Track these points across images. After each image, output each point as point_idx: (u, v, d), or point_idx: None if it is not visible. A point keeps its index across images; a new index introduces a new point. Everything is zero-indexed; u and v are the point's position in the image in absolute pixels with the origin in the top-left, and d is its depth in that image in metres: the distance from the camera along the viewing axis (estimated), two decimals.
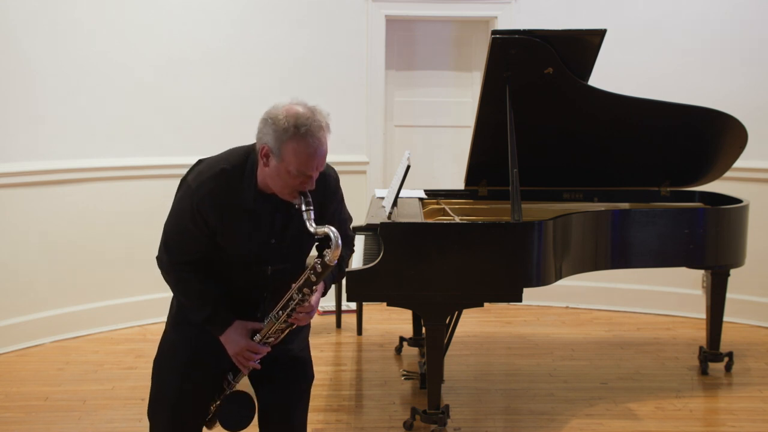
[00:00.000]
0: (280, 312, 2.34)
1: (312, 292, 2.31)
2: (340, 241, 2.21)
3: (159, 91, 5.13)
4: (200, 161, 2.44)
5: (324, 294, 2.50)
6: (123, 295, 5.10)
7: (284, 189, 2.27)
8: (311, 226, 2.22)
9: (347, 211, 2.59)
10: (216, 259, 2.40)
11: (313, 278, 2.28)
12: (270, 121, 2.23)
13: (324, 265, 2.25)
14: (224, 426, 2.51)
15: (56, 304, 4.86)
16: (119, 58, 4.99)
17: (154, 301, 4.95)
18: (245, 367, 2.44)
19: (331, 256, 2.22)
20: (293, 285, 2.32)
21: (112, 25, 4.97)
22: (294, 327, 2.42)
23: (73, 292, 4.92)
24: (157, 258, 2.45)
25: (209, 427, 2.57)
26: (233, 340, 2.39)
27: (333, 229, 2.22)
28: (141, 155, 5.11)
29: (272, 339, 2.41)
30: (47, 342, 4.78)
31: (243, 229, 2.34)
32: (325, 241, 2.24)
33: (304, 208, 2.24)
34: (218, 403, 2.51)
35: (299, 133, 2.19)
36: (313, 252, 2.35)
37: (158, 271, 2.47)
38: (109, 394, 3.99)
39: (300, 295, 2.31)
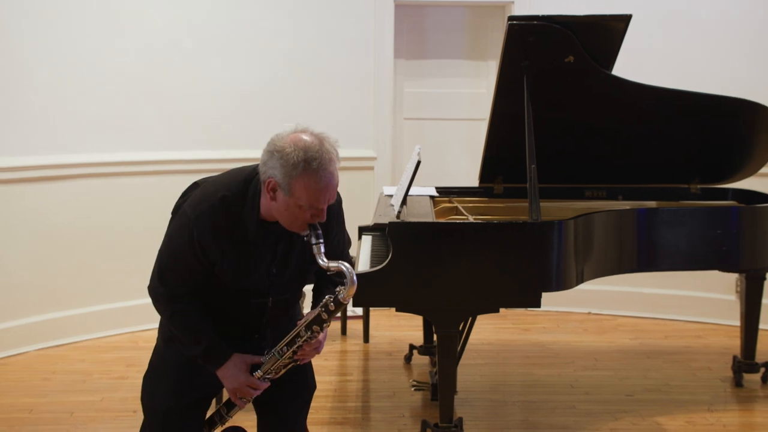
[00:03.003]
0: (285, 348, 2.38)
1: (321, 330, 2.33)
2: (355, 278, 2.23)
3: (149, 81, 5.15)
4: (196, 184, 2.45)
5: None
6: (113, 299, 5.12)
7: (294, 223, 2.29)
8: (323, 261, 2.25)
9: (347, 233, 2.62)
10: (213, 291, 2.42)
11: (325, 316, 2.31)
12: (277, 155, 2.23)
13: (337, 303, 2.28)
14: None
15: (41, 309, 4.89)
16: (107, 46, 5.01)
17: (145, 306, 4.85)
18: (243, 401, 2.46)
19: (345, 293, 2.25)
20: (299, 322, 2.34)
21: (99, 10, 4.99)
22: (298, 363, 2.45)
23: (59, 296, 4.95)
24: (150, 288, 2.46)
25: None
26: (232, 375, 2.43)
27: (347, 264, 2.25)
28: (131, 150, 5.13)
29: (272, 374, 2.44)
30: (31, 350, 4.81)
31: (243, 261, 2.37)
32: (337, 277, 2.26)
33: (314, 241, 2.27)
34: None
35: (311, 168, 2.20)
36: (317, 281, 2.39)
37: (148, 276, 2.49)
38: (98, 405, 4.01)
39: (308, 333, 2.34)
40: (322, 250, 2.26)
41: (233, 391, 2.44)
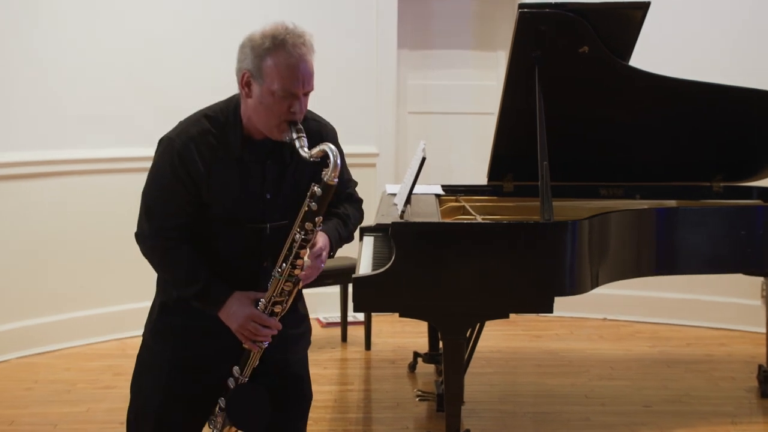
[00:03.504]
0: (283, 264, 2.34)
1: (315, 225, 2.29)
2: (339, 160, 2.24)
3: (141, 74, 5.15)
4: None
5: (332, 255, 2.51)
6: (99, 304, 5.13)
7: (271, 120, 2.30)
8: (305, 152, 2.25)
9: (349, 172, 2.62)
10: (205, 223, 2.40)
11: (314, 206, 2.27)
12: (247, 44, 2.33)
13: (324, 186, 2.26)
14: (239, 427, 2.50)
15: (22, 315, 4.89)
16: (94, 35, 5.02)
17: (134, 311, 4.94)
18: (255, 344, 2.39)
19: (330, 175, 2.24)
20: (294, 225, 2.32)
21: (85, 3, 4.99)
22: (301, 285, 2.40)
23: (42, 301, 4.95)
24: (137, 234, 2.44)
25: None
26: (234, 312, 2.37)
27: (330, 145, 2.25)
28: (119, 146, 5.13)
29: (279, 307, 2.37)
30: (12, 358, 4.82)
31: (232, 181, 2.36)
32: (323, 162, 2.25)
33: (295, 135, 2.27)
34: (226, 402, 2.45)
35: (277, 43, 2.27)
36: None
37: (139, 278, 2.49)
38: (83, 417, 4.02)
39: (302, 234, 2.29)
40: (305, 143, 2.26)
41: (240, 330, 2.37)
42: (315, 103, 2.54)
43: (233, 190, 2.37)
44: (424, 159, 3.78)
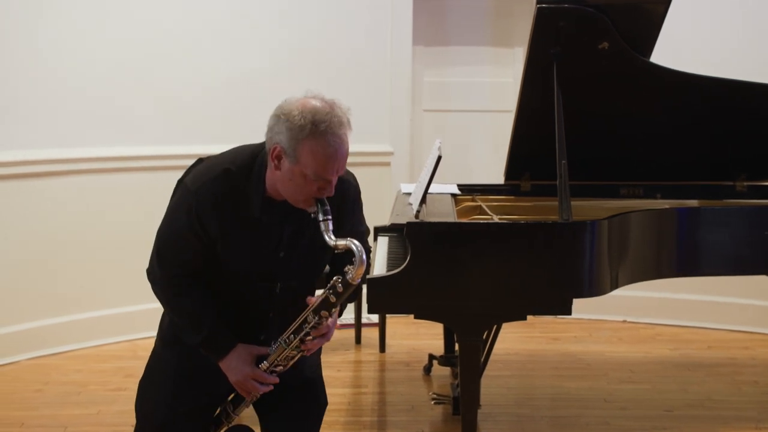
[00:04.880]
0: (292, 336, 2.37)
1: (330, 314, 2.32)
2: (364, 257, 2.23)
3: (148, 70, 5.14)
4: (200, 160, 2.46)
5: (339, 315, 2.51)
6: (110, 305, 5.14)
7: (299, 196, 2.28)
8: (330, 239, 2.24)
9: (365, 222, 2.61)
10: (216, 274, 2.41)
11: (333, 299, 2.29)
12: (283, 118, 2.24)
13: (345, 284, 2.26)
14: None
15: (33, 315, 4.91)
16: (99, 31, 5.01)
17: (145, 312, 4.96)
18: (250, 396, 2.45)
19: (354, 273, 2.24)
20: (308, 307, 2.33)
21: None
22: (305, 353, 2.43)
23: (54, 302, 4.97)
24: (148, 271, 2.47)
25: None
26: (236, 367, 2.41)
27: (356, 242, 2.23)
28: (129, 144, 5.13)
29: (281, 367, 2.42)
30: (23, 359, 4.83)
31: (247, 240, 2.36)
32: (346, 256, 2.25)
33: (321, 218, 2.26)
34: None
35: (318, 131, 2.20)
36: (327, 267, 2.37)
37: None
38: (93, 419, 4.03)
39: (316, 318, 2.33)
40: (330, 227, 2.25)
41: (238, 384, 2.43)
42: None
43: (247, 248, 2.38)
44: (439, 157, 3.77)
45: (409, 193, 4.19)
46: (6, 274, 4.80)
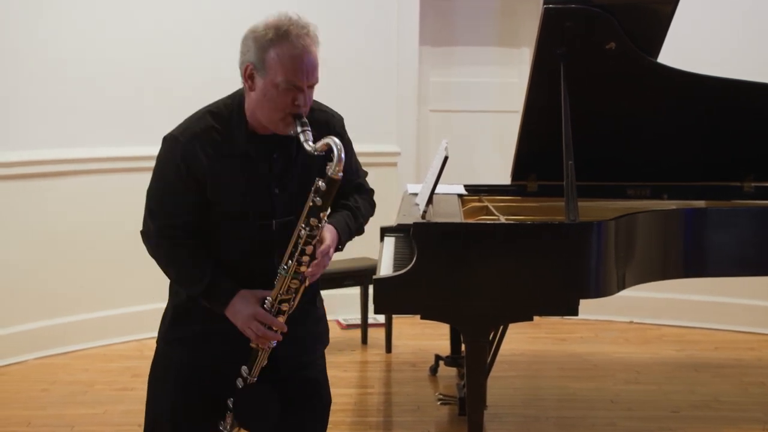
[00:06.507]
0: (289, 261, 2.33)
1: (320, 221, 2.28)
2: (343, 154, 2.22)
3: (157, 70, 5.16)
4: None
5: (340, 249, 2.49)
6: (118, 305, 5.16)
7: (275, 113, 2.28)
8: (310, 146, 2.24)
9: (358, 161, 2.61)
10: (212, 221, 2.40)
11: (319, 201, 2.26)
12: (250, 36, 2.30)
13: (329, 181, 2.24)
14: (247, 427, 2.49)
15: (40, 315, 4.93)
16: (108, 29, 5.02)
17: (153, 312, 4.89)
18: (261, 342, 2.37)
19: (335, 169, 2.23)
20: (298, 222, 2.30)
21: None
22: (307, 283, 2.38)
23: (60, 301, 4.99)
24: (142, 232, 2.46)
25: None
26: (239, 310, 2.36)
27: (334, 138, 2.23)
28: (136, 144, 5.12)
29: (286, 305, 2.36)
30: (30, 359, 4.85)
31: (237, 177, 2.35)
32: (328, 156, 2.24)
33: (299, 129, 2.26)
34: (234, 402, 2.45)
35: (280, 35, 2.25)
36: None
37: (158, 279, 2.49)
38: (99, 419, 4.04)
39: (307, 229, 2.28)
40: (310, 137, 2.25)
41: (245, 328, 2.36)
42: (335, 101, 2.55)
43: (239, 187, 2.36)
44: (446, 158, 3.77)
45: (416, 194, 4.19)
46: (15, 274, 4.81)
